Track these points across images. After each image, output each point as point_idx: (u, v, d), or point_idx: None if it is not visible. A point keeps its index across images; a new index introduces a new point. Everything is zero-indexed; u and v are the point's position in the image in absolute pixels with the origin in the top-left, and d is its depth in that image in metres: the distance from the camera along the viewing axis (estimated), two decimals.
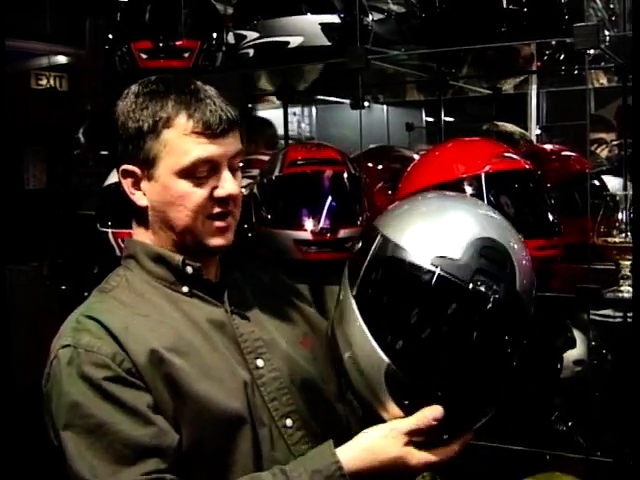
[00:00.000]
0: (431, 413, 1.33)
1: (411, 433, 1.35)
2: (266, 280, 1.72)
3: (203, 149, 1.44)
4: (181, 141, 1.44)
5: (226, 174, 1.47)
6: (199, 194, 1.46)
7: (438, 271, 1.32)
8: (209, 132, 1.44)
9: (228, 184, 1.47)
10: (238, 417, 1.44)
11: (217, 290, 1.55)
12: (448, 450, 1.38)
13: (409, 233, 1.38)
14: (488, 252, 1.34)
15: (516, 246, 1.40)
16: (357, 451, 1.37)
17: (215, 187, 1.47)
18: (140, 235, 1.56)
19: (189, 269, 1.51)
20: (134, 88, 1.52)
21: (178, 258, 1.51)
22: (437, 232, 1.37)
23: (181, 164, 1.44)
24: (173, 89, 1.48)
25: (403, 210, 1.48)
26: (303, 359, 1.60)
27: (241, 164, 1.57)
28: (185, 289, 1.52)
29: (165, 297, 1.51)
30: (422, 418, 1.34)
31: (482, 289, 1.31)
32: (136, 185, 1.51)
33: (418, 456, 1.36)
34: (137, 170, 1.50)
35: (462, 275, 1.31)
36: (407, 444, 1.36)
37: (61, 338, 1.42)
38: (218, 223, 1.49)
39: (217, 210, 1.48)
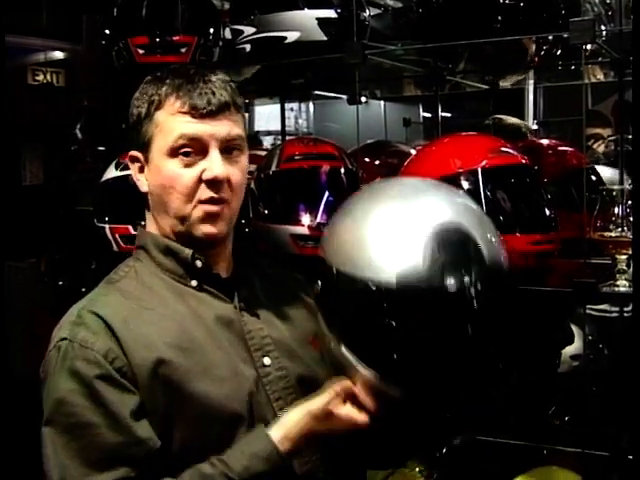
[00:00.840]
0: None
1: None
2: (278, 277, 1.69)
3: (188, 127, 1.43)
4: (168, 120, 1.45)
5: (215, 155, 1.45)
6: (187, 175, 1.44)
7: (408, 289, 1.28)
8: (194, 112, 1.43)
9: (216, 166, 1.44)
10: (237, 418, 1.42)
11: (227, 285, 1.53)
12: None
13: (361, 258, 1.33)
14: (447, 244, 1.30)
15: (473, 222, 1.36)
16: (284, 421, 1.39)
17: (205, 169, 1.45)
18: (149, 225, 1.56)
19: (198, 263, 1.49)
20: (146, 78, 1.53)
21: (188, 252, 1.49)
22: (385, 245, 1.32)
23: (168, 143, 1.44)
24: (172, 75, 1.49)
25: (344, 232, 1.42)
26: (311, 359, 1.57)
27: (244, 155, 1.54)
28: (194, 283, 1.50)
29: (172, 290, 1.49)
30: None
31: (455, 288, 1.28)
32: (141, 171, 1.53)
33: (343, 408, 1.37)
34: (140, 156, 1.51)
35: (432, 284, 1.28)
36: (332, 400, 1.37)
37: (61, 330, 1.42)
38: (208, 207, 1.46)
39: (208, 194, 1.45)
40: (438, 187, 1.49)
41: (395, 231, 1.33)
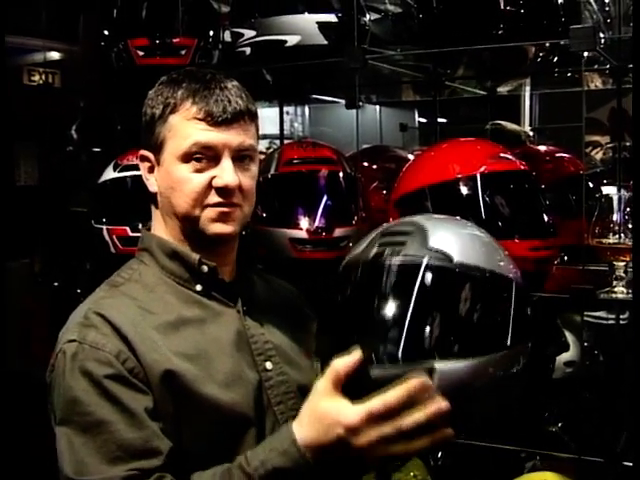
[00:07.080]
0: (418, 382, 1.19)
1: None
2: (276, 286, 1.71)
3: (202, 134, 1.44)
4: (183, 126, 1.45)
5: (226, 164, 1.45)
6: (197, 181, 1.45)
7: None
8: (209, 119, 1.44)
9: (227, 174, 1.45)
10: (245, 421, 1.43)
11: (231, 290, 1.54)
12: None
13: None
14: (388, 230, 1.42)
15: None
16: (307, 418, 1.27)
17: (215, 176, 1.46)
18: (157, 224, 1.56)
19: (204, 268, 1.49)
20: (162, 78, 1.53)
21: (195, 257, 1.49)
22: None
23: (181, 148, 1.45)
24: (188, 78, 1.48)
25: None
26: (309, 370, 1.58)
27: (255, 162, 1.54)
28: (198, 287, 1.50)
29: (177, 295, 1.49)
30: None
31: (382, 255, 1.34)
32: (150, 171, 1.53)
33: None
34: (151, 156, 1.51)
35: (365, 256, 1.38)
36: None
37: (68, 332, 1.41)
38: (219, 209, 1.46)
39: (217, 200, 1.46)
40: None
41: None
